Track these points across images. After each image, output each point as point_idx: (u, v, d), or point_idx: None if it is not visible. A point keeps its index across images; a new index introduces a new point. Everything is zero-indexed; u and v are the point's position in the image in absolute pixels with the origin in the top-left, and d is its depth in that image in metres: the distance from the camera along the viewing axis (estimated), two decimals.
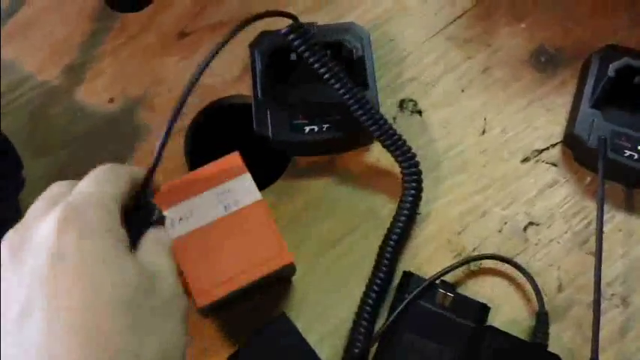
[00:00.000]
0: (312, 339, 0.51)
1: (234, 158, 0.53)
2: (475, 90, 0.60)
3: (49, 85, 0.62)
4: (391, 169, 0.57)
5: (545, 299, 0.52)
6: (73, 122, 0.60)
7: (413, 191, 0.54)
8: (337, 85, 0.52)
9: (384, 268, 0.53)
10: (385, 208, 0.56)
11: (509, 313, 0.53)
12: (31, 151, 0.59)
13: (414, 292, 0.51)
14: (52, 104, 0.61)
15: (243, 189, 0.52)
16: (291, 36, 0.51)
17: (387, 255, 0.53)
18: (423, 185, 0.55)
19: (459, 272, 0.54)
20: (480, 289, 0.53)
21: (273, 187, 0.57)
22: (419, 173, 0.54)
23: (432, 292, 0.51)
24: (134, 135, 0.60)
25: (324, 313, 0.53)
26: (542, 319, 0.51)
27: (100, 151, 0.59)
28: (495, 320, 0.52)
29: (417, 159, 0.54)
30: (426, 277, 0.52)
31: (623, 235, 0.55)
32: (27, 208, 0.53)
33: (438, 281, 0.52)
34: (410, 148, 0.54)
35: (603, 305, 0.51)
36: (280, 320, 0.51)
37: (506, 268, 0.53)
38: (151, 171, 0.40)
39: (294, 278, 0.54)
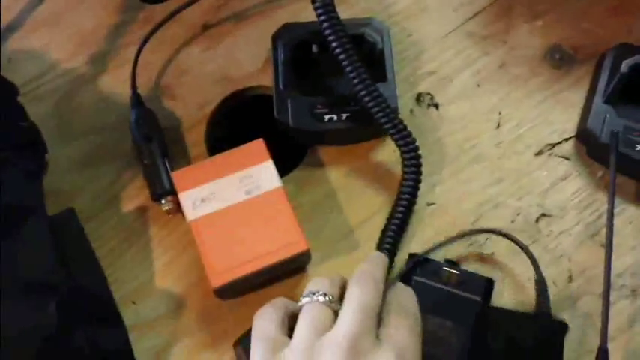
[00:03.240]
0: None
1: (258, 145, 0.54)
2: (491, 85, 0.61)
3: (75, 73, 0.64)
4: None
5: (556, 289, 0.53)
6: (98, 110, 0.62)
7: (413, 176, 0.55)
8: (343, 56, 0.53)
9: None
10: None
11: (512, 293, 0.54)
12: (56, 137, 0.60)
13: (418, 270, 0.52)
14: (77, 92, 0.63)
15: (265, 175, 0.53)
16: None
17: (389, 240, 0.54)
18: (438, 176, 0.57)
19: (464, 253, 0.55)
20: (482, 270, 0.54)
21: (291, 176, 0.59)
22: (418, 157, 0.55)
23: (438, 270, 0.52)
24: None
25: None
26: (541, 287, 0.52)
27: (124, 139, 0.60)
28: (500, 302, 0.53)
29: (416, 143, 0.55)
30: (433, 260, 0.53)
31: (633, 227, 0.56)
32: (50, 191, 0.55)
33: (443, 260, 0.53)
34: (407, 129, 0.54)
35: (613, 296, 0.52)
36: None
37: (510, 248, 0.54)
38: None
39: (309, 267, 0.55)
